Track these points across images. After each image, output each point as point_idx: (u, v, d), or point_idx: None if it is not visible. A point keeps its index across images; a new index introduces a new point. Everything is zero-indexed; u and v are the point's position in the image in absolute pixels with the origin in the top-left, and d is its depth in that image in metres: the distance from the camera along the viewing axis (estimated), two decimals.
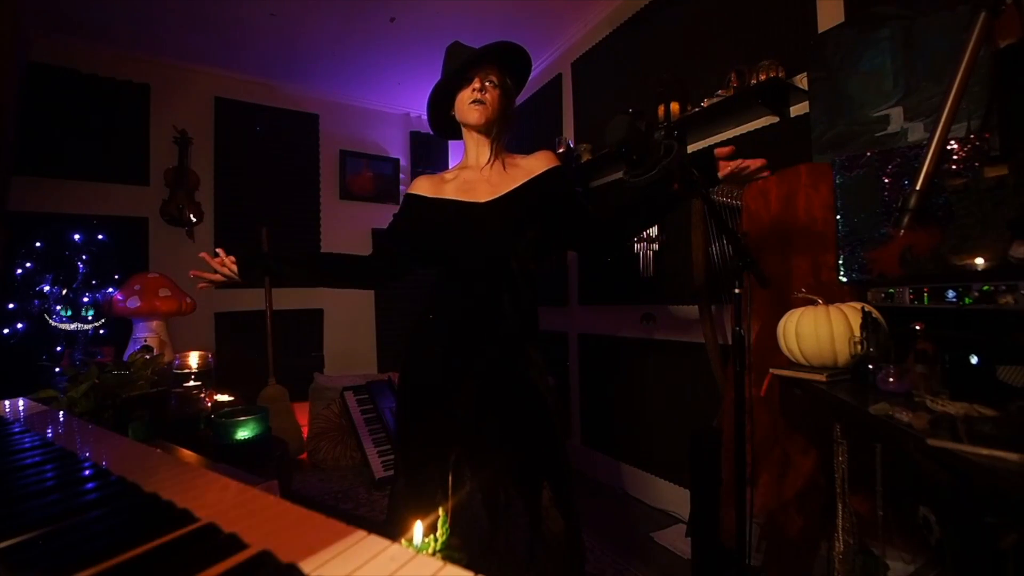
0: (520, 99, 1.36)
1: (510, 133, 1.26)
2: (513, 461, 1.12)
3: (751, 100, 1.84)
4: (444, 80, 1.22)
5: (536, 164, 1.24)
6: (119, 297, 2.64)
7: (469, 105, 1.19)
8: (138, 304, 2.61)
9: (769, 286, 1.02)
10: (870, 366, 0.99)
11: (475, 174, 1.24)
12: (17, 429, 0.65)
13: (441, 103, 1.26)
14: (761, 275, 1.00)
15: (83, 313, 2.66)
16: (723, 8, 2.10)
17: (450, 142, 4.14)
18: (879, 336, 1.00)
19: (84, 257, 2.74)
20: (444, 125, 1.32)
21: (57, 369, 2.39)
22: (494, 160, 1.23)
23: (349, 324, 3.93)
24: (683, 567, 1.83)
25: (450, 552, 0.85)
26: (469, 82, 1.19)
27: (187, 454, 1.40)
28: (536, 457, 1.13)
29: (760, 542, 1.42)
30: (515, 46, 1.21)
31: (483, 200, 1.19)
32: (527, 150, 1.30)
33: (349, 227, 3.91)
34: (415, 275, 1.47)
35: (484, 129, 1.22)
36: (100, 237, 2.89)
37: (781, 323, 1.17)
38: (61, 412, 0.78)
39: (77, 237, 2.79)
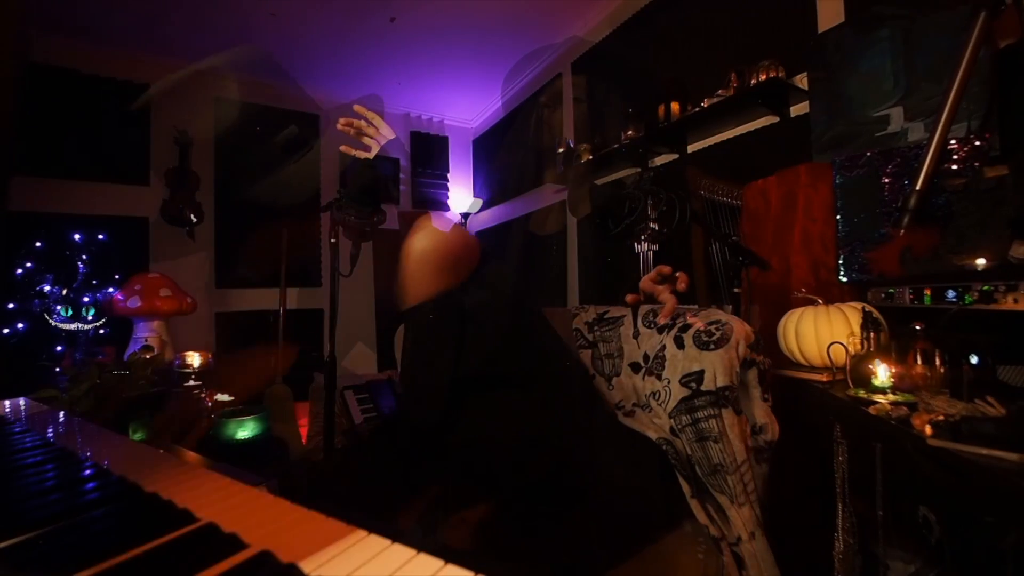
0: (520, 99, 1.38)
1: None
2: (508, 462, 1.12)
3: (751, 100, 1.84)
4: None
5: None
6: (120, 297, 2.64)
7: None
8: (139, 304, 2.61)
9: (770, 268, 1.03)
10: (870, 366, 0.99)
11: None
12: (18, 429, 0.65)
13: None
14: (761, 260, 1.01)
15: (84, 313, 2.66)
16: (723, 8, 2.10)
17: (450, 144, 4.15)
18: (879, 336, 1.00)
19: (84, 257, 2.74)
20: None
21: (58, 369, 2.39)
22: None
23: (349, 324, 3.92)
24: None
25: (450, 552, 0.85)
26: None
27: (187, 454, 1.40)
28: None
29: None
30: None
31: None
32: (528, 149, 1.31)
33: None
34: None
35: None
36: (100, 237, 2.89)
37: (781, 323, 1.17)
38: (62, 412, 0.78)
39: (77, 237, 2.79)
